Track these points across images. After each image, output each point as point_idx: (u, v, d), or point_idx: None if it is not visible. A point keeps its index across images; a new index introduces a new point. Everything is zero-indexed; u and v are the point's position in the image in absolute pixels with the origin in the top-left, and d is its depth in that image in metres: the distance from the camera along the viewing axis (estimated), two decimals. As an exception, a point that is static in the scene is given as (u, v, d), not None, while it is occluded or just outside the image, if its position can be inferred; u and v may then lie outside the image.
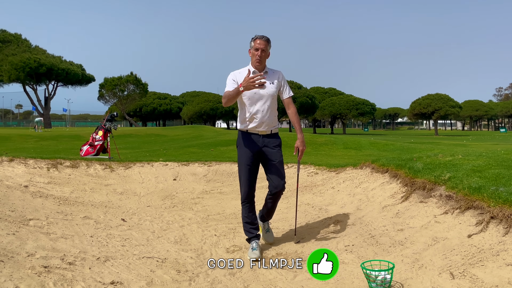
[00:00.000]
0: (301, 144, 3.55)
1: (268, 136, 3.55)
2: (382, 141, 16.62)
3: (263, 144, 3.53)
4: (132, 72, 45.77)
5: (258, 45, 3.41)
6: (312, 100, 54.13)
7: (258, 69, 3.47)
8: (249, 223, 3.61)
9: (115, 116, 9.81)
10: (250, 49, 3.48)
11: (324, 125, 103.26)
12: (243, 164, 3.53)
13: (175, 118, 68.00)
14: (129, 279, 2.84)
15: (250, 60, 3.51)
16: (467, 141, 27.99)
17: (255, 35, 3.47)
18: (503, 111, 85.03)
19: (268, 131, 3.54)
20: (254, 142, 3.52)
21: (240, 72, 3.50)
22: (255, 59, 3.43)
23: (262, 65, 3.48)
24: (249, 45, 3.49)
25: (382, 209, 4.21)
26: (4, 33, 43.15)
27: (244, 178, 3.54)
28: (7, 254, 2.87)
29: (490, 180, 3.62)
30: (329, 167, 6.79)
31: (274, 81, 3.50)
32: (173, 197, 6.10)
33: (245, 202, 3.59)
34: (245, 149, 3.53)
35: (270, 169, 3.55)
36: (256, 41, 3.42)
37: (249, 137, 3.54)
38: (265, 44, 3.42)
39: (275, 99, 3.54)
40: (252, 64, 3.49)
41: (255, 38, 3.44)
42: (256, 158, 3.54)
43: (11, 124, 69.88)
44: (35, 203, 4.78)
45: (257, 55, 3.41)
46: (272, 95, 3.49)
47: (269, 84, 3.47)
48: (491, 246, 2.75)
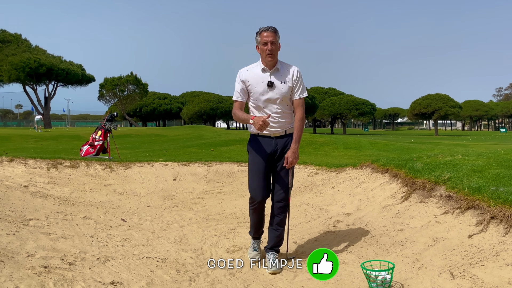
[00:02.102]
0: (292, 155, 3.12)
1: (282, 137, 3.22)
2: (382, 141, 16.62)
3: (276, 146, 3.20)
4: (132, 72, 45.79)
5: (266, 38, 3.04)
6: (312, 100, 54.14)
7: (270, 64, 3.11)
8: (256, 223, 3.42)
9: (115, 116, 9.81)
10: (257, 44, 3.13)
11: (324, 125, 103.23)
12: (256, 170, 3.21)
13: (175, 118, 68.00)
14: (129, 279, 2.84)
15: (260, 57, 3.15)
16: (467, 141, 27.99)
17: (259, 28, 3.13)
18: (503, 111, 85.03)
19: (282, 132, 3.21)
20: (266, 146, 3.20)
21: (248, 70, 3.20)
22: (266, 54, 3.06)
23: (275, 59, 3.11)
24: (255, 40, 3.14)
25: (382, 209, 4.21)
26: (4, 33, 43.12)
27: (258, 186, 3.21)
28: (7, 254, 2.87)
29: (490, 180, 3.62)
30: (329, 167, 6.79)
31: (286, 79, 3.14)
32: (173, 197, 6.09)
33: (255, 205, 3.28)
34: (256, 153, 3.22)
35: (278, 173, 3.23)
36: (263, 34, 3.07)
37: (261, 141, 3.22)
38: (273, 35, 3.05)
39: (287, 99, 3.17)
40: (263, 60, 3.13)
41: (261, 31, 3.09)
42: (268, 162, 3.23)
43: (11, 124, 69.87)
44: (35, 203, 4.78)
45: (267, 49, 3.04)
46: (284, 95, 3.13)
47: (280, 83, 3.12)
48: (491, 246, 2.75)
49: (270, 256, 3.24)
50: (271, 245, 3.31)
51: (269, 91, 3.12)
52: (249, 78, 3.17)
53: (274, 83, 3.12)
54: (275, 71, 3.15)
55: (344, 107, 61.54)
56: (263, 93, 3.13)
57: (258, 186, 3.21)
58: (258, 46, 3.14)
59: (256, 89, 3.15)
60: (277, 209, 3.25)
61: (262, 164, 3.20)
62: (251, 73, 3.18)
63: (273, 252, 3.28)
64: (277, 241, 3.30)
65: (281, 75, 3.15)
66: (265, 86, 3.12)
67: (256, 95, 3.16)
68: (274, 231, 3.28)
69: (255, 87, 3.15)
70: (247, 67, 3.24)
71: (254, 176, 3.23)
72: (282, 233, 3.30)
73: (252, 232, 3.50)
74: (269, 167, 3.25)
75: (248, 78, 3.17)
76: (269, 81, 3.11)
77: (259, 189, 3.21)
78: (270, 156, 3.22)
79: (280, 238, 3.31)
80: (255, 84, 3.15)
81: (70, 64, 44.54)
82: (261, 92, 3.14)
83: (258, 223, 3.43)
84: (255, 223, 3.43)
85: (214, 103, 57.66)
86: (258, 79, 3.15)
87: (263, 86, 3.13)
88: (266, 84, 3.12)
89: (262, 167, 3.20)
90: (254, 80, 3.15)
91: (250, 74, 3.18)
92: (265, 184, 3.23)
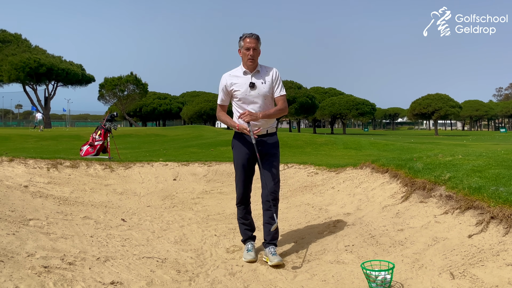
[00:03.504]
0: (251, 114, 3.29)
1: (264, 136, 3.44)
2: (382, 141, 16.63)
3: (258, 144, 3.38)
4: (132, 72, 45.82)
5: (249, 44, 3.31)
6: (312, 100, 54.16)
7: (251, 68, 3.37)
8: (244, 224, 3.57)
9: (115, 116, 9.81)
10: (240, 49, 3.38)
11: (324, 125, 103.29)
12: (238, 165, 3.46)
13: (175, 118, 68.03)
14: (129, 279, 2.84)
15: (242, 60, 3.41)
16: (467, 141, 28.00)
17: (243, 33, 3.38)
18: (503, 111, 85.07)
19: (263, 131, 3.42)
20: (248, 143, 3.39)
21: (230, 74, 3.43)
22: (248, 59, 3.34)
23: (255, 63, 3.39)
24: (238, 45, 3.39)
25: (382, 209, 4.21)
26: (4, 33, 43.10)
27: (239, 180, 3.47)
28: (7, 254, 2.87)
29: (490, 180, 3.62)
30: (329, 167, 6.79)
31: (266, 80, 3.39)
32: (173, 197, 6.09)
33: (240, 204, 3.53)
34: (239, 150, 3.46)
35: (263, 170, 3.41)
36: (246, 40, 3.33)
37: (243, 138, 3.44)
38: (255, 42, 3.33)
39: (269, 98, 3.42)
40: (244, 64, 3.40)
41: (244, 37, 3.35)
42: (251, 159, 3.44)
43: (11, 124, 69.81)
44: (35, 203, 4.78)
45: (249, 54, 3.32)
46: (264, 95, 3.37)
47: (261, 83, 3.37)
48: (491, 246, 2.75)
49: (270, 249, 3.36)
50: (269, 240, 3.44)
51: (251, 91, 3.37)
52: (232, 81, 3.41)
53: (256, 84, 3.38)
54: (256, 73, 3.42)
55: (344, 107, 61.59)
56: (246, 93, 3.38)
57: (240, 179, 3.48)
58: (240, 50, 3.40)
59: (239, 91, 3.39)
60: (268, 202, 3.39)
61: (245, 159, 3.45)
62: (233, 76, 3.43)
63: (273, 246, 3.41)
64: (274, 235, 3.45)
65: (261, 76, 3.42)
66: (247, 87, 3.38)
67: (240, 96, 3.39)
68: (268, 225, 3.42)
69: (238, 88, 3.39)
70: (230, 71, 3.49)
71: (238, 170, 3.49)
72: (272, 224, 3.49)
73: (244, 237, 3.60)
74: (252, 164, 3.49)
75: (231, 81, 3.42)
76: (250, 82, 3.37)
77: (241, 182, 3.47)
78: (253, 154, 3.41)
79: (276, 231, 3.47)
80: (238, 86, 3.40)
81: (70, 64, 44.52)
82: (243, 93, 3.38)
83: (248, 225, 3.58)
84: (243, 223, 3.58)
85: (214, 103, 57.58)
86: (240, 81, 3.40)
87: (245, 87, 3.38)
88: (248, 85, 3.37)
89: (245, 162, 3.45)
90: (237, 83, 3.40)
91: (233, 78, 3.43)
92: (247, 178, 3.48)
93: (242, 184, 3.47)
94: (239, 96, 3.38)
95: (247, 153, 3.43)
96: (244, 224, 3.58)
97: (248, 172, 3.47)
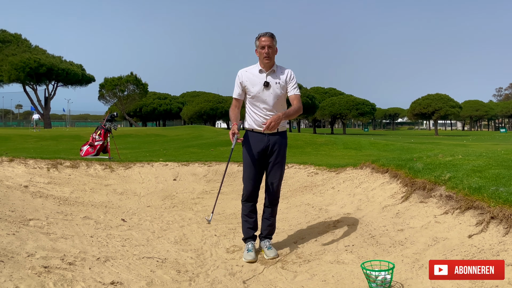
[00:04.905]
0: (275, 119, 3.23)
1: (274, 134, 3.47)
2: (382, 141, 16.62)
3: (268, 142, 3.45)
4: (132, 72, 45.81)
5: (264, 42, 3.35)
6: (312, 100, 54.18)
7: (267, 66, 3.40)
8: (247, 222, 3.58)
9: (115, 116, 9.81)
10: (256, 48, 3.43)
11: (324, 125, 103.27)
12: (247, 163, 3.49)
13: (175, 118, 68.00)
14: (129, 279, 2.84)
15: (258, 59, 3.44)
16: (467, 141, 27.99)
17: (259, 33, 3.43)
18: (503, 111, 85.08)
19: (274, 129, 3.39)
20: (259, 141, 3.45)
21: (247, 71, 3.47)
22: (264, 57, 3.36)
23: (272, 61, 3.41)
24: (254, 45, 3.44)
25: (382, 209, 4.21)
26: (4, 33, 43.09)
27: (248, 177, 3.49)
28: (7, 254, 2.87)
29: (490, 180, 3.62)
30: (329, 167, 6.79)
31: (280, 80, 3.42)
32: (173, 197, 6.10)
33: (246, 201, 3.55)
34: (249, 147, 3.48)
35: (269, 169, 3.51)
36: (261, 39, 3.38)
37: (254, 136, 3.47)
38: (270, 40, 3.36)
39: (281, 99, 3.45)
40: (261, 62, 3.42)
41: (259, 36, 3.40)
42: (260, 157, 3.47)
43: (11, 124, 69.84)
44: (35, 203, 4.78)
45: (264, 52, 3.35)
46: (278, 95, 3.40)
47: (275, 83, 3.40)
48: (491, 246, 2.75)
49: (266, 243, 3.58)
50: (265, 234, 3.63)
51: (264, 90, 3.40)
52: (247, 78, 3.45)
53: (270, 83, 3.41)
54: (271, 72, 3.44)
55: (344, 107, 61.59)
56: (259, 91, 3.41)
57: (248, 177, 3.50)
58: (257, 49, 3.44)
59: (253, 88, 3.42)
60: (269, 201, 3.57)
61: (254, 157, 3.48)
62: (249, 73, 3.47)
63: (268, 240, 3.61)
64: (270, 230, 3.65)
65: (276, 76, 3.45)
66: (261, 85, 3.40)
67: (253, 94, 3.42)
68: (267, 220, 3.61)
69: (253, 86, 3.43)
70: (246, 68, 3.53)
71: (247, 167, 3.52)
72: (274, 222, 3.67)
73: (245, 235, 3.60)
74: (261, 161, 3.51)
75: (246, 78, 3.46)
76: (265, 81, 3.40)
77: (250, 179, 3.50)
78: (263, 151, 3.47)
79: (273, 226, 3.67)
80: (253, 83, 3.43)
81: (70, 64, 44.52)
82: (257, 91, 3.41)
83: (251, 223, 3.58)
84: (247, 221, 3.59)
85: (214, 103, 57.67)
86: (255, 79, 3.43)
87: (260, 86, 3.41)
88: (263, 84, 3.40)
89: (254, 160, 3.48)
90: (251, 80, 3.44)
91: (248, 75, 3.46)
92: (256, 175, 3.50)
93: (251, 182, 3.49)
94: (252, 93, 3.42)
95: (256, 151, 3.46)
96: (247, 222, 3.58)
97: (257, 170, 3.49)
